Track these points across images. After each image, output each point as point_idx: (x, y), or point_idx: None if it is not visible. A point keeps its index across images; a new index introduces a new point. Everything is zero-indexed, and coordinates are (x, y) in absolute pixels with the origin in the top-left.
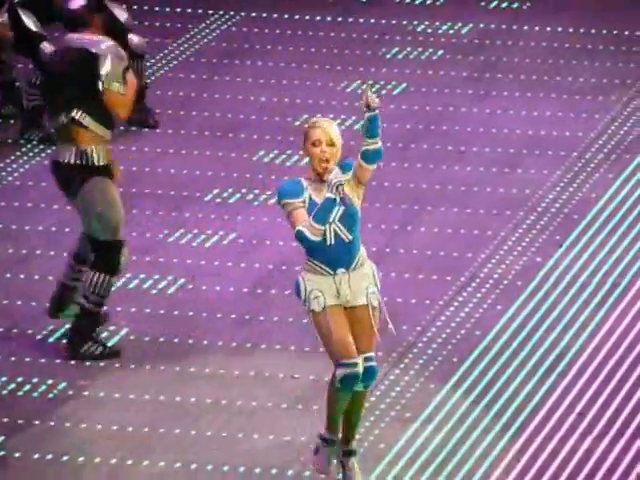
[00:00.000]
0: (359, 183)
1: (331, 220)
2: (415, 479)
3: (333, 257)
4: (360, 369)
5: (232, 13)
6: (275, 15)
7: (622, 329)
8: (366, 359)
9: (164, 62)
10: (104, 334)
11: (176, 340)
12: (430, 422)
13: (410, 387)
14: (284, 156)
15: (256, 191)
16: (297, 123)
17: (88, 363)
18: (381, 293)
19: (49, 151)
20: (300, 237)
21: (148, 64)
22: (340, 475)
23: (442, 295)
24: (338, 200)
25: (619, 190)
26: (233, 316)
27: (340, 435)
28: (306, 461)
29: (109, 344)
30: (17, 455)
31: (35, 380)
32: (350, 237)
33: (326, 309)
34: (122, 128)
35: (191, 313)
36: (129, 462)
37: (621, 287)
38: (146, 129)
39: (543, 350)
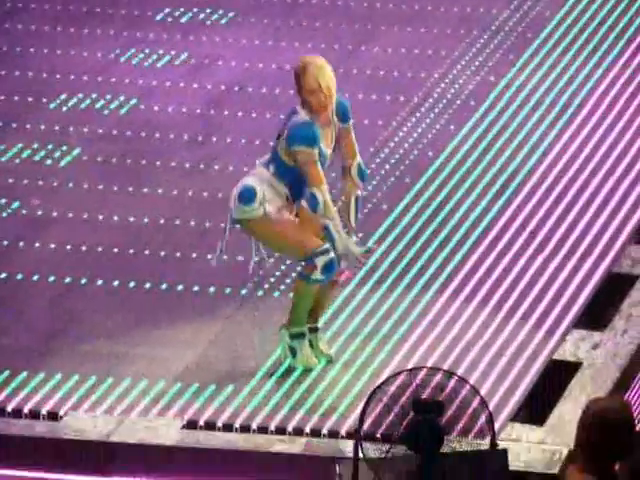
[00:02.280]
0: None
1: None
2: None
3: (298, 189)
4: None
5: None
6: None
7: (573, 149)
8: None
9: None
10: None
11: (129, 161)
12: (383, 240)
13: (363, 209)
14: None
15: (207, 10)
16: None
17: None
18: None
19: None
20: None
21: None
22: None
23: (395, 115)
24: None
25: (573, 7)
26: (186, 137)
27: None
28: (253, 278)
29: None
30: None
31: None
32: None
33: (281, 211)
34: None
35: (143, 134)
36: (83, 281)
37: (573, 107)
38: None
39: (495, 170)
